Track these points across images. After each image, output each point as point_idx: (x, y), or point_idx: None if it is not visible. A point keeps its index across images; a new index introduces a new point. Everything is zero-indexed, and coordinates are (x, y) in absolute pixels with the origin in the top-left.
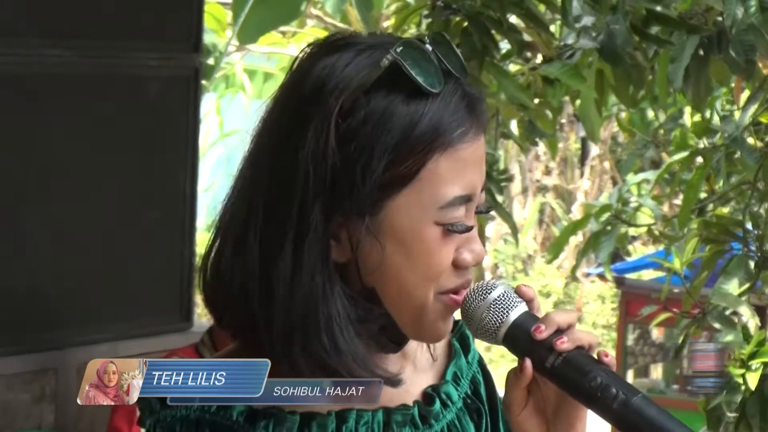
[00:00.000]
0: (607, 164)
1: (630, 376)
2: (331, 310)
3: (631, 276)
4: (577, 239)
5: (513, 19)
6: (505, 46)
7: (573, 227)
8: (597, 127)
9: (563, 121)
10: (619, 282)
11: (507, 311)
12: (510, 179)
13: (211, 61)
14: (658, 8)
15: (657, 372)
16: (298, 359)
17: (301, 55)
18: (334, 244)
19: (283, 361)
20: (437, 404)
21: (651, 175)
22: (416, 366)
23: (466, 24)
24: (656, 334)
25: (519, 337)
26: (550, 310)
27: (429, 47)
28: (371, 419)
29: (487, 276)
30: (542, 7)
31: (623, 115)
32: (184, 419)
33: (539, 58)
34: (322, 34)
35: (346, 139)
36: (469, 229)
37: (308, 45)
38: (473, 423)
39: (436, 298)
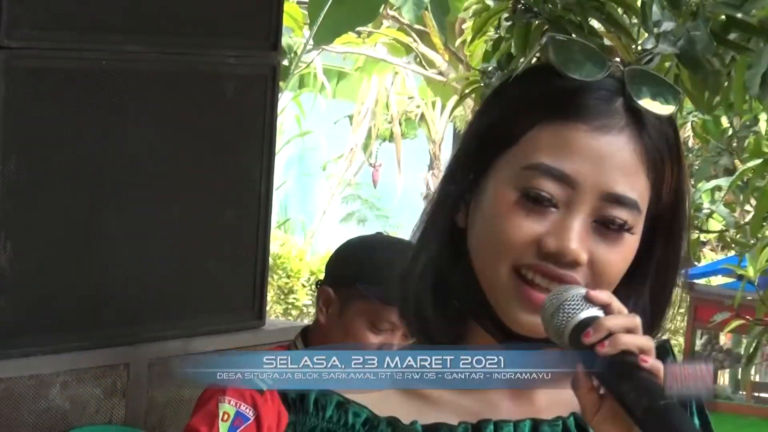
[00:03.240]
0: None
1: None
2: (424, 275)
3: (700, 281)
4: None
5: (594, 23)
6: None
7: None
8: None
9: None
10: (689, 287)
11: (575, 313)
12: None
13: (285, 62)
14: (738, 15)
15: (724, 378)
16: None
17: None
18: (463, 207)
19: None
20: None
21: (724, 182)
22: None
23: (546, 27)
24: (724, 339)
25: (580, 341)
26: None
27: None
28: (513, 431)
29: None
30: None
31: (696, 121)
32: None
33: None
34: (398, 35)
35: (483, 113)
36: (548, 202)
37: None
38: None
39: (510, 276)
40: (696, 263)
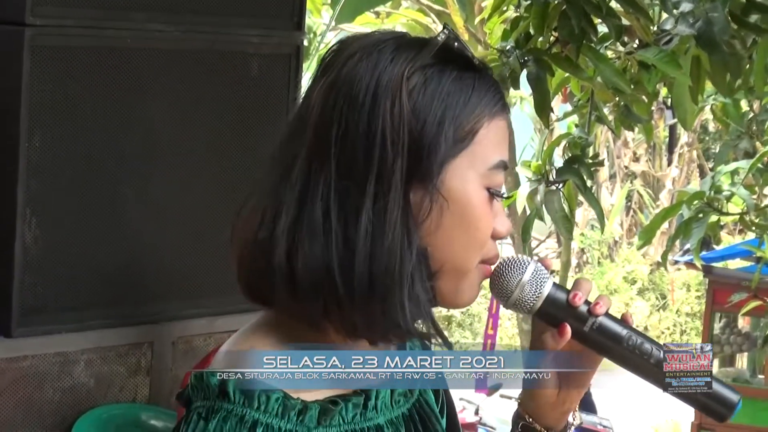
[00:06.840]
0: (695, 153)
1: (716, 365)
2: (412, 266)
3: (718, 265)
4: (662, 226)
5: (612, 3)
6: (603, 29)
7: (665, 214)
8: (690, 115)
9: (652, 108)
10: (707, 270)
11: (541, 285)
12: (601, 164)
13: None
14: None
15: (742, 361)
16: (376, 311)
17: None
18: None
19: (356, 314)
20: None
21: (744, 164)
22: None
23: (564, 7)
24: (742, 323)
25: (554, 307)
26: (635, 297)
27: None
28: (386, 395)
29: (574, 261)
30: None
31: (716, 104)
32: (240, 418)
33: (636, 43)
34: (417, 15)
35: (417, 112)
36: (504, 196)
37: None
38: (432, 392)
39: (477, 267)
40: (715, 246)
